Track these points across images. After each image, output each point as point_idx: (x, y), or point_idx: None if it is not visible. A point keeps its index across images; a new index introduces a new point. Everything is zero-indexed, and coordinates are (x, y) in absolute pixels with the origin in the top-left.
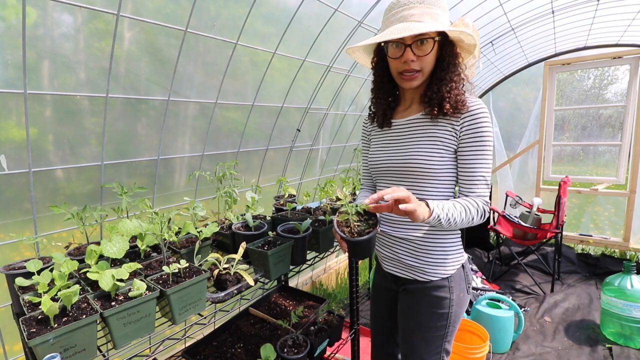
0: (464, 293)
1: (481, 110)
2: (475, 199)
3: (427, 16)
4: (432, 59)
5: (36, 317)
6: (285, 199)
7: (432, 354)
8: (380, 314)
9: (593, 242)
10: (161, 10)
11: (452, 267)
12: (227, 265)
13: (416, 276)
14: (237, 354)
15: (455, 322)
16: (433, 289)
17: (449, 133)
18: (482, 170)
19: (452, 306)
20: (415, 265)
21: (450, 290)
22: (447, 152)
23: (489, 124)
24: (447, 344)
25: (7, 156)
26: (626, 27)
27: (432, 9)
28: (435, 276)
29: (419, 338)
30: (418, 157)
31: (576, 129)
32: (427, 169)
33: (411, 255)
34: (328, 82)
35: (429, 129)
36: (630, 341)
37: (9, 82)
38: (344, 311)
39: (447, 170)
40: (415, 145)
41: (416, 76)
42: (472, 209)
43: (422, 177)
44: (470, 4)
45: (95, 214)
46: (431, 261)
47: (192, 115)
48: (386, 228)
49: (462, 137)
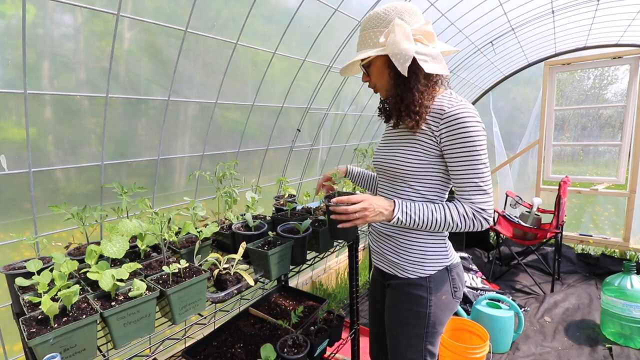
0: (447, 296)
1: (461, 113)
2: (466, 206)
3: (362, 44)
4: (378, 78)
5: (36, 317)
6: (285, 199)
7: (414, 351)
8: (375, 308)
9: (593, 242)
10: (161, 10)
11: (431, 268)
12: (227, 265)
13: (396, 272)
14: (237, 354)
15: (436, 324)
16: (411, 286)
17: (428, 137)
18: (473, 177)
19: (431, 307)
20: (395, 261)
21: (429, 290)
22: (428, 155)
23: (473, 127)
24: (430, 345)
25: (7, 156)
26: (626, 27)
27: (367, 32)
28: (413, 274)
29: (400, 333)
30: (396, 160)
31: (576, 129)
32: (403, 170)
33: (393, 251)
34: (328, 82)
35: (410, 134)
36: (630, 341)
37: (9, 82)
38: (344, 311)
39: (429, 173)
40: (396, 148)
41: (378, 89)
42: (456, 216)
43: (400, 179)
44: (470, 4)
45: (95, 214)
46: (409, 259)
47: (192, 115)
48: (376, 224)
49: (444, 142)
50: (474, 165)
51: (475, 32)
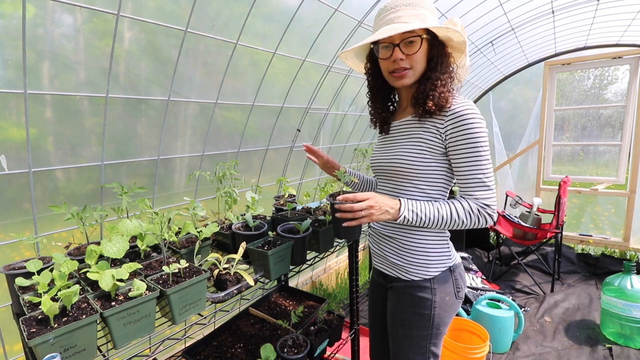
0: (450, 297)
1: (466, 111)
2: (470, 202)
3: (413, 17)
4: (421, 58)
5: (36, 317)
6: (285, 199)
7: (418, 353)
8: (375, 309)
9: (593, 242)
10: (161, 10)
11: (435, 269)
12: (227, 265)
13: (399, 274)
14: (237, 354)
15: (440, 325)
16: (415, 288)
17: (433, 135)
18: (477, 173)
19: (435, 308)
20: (398, 263)
21: (433, 292)
22: (432, 153)
23: (477, 125)
24: (433, 346)
25: (7, 156)
26: (626, 27)
27: (418, 10)
28: (417, 276)
29: (403, 336)
30: (400, 159)
31: (576, 129)
32: (409, 169)
33: (395, 253)
34: (328, 82)
35: (415, 131)
36: (630, 341)
37: (9, 82)
38: (344, 311)
39: (433, 171)
40: (399, 147)
41: (405, 74)
42: (461, 212)
43: (404, 178)
44: (470, 4)
45: (95, 214)
46: (413, 261)
47: (192, 115)
48: (375, 225)
49: (449, 139)
50: (478, 162)
51: (475, 32)
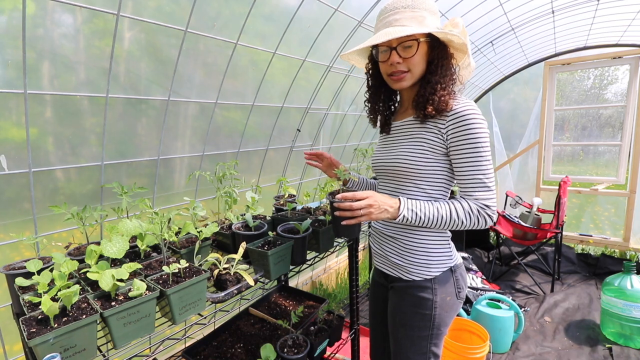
0: (451, 297)
1: (468, 112)
2: (470, 202)
3: (411, 20)
4: (419, 61)
5: (36, 317)
6: (285, 199)
7: (418, 353)
8: (376, 309)
9: (593, 242)
10: (161, 10)
11: (436, 269)
12: (227, 265)
13: (400, 274)
14: (237, 354)
15: (441, 326)
16: (416, 288)
17: (435, 135)
18: (477, 173)
19: (436, 308)
20: (399, 263)
21: (434, 292)
22: (434, 153)
23: (478, 126)
24: (434, 346)
25: (7, 156)
26: (626, 27)
27: (417, 12)
28: (418, 276)
29: (404, 336)
30: (402, 159)
31: (576, 129)
32: (410, 169)
33: (396, 253)
34: (328, 82)
35: (416, 131)
36: (630, 341)
37: (9, 82)
38: (344, 311)
39: (435, 171)
40: (401, 147)
41: (403, 77)
42: (461, 212)
43: (406, 178)
44: (470, 4)
45: (95, 214)
46: (414, 261)
47: (192, 115)
48: (377, 225)
49: (451, 140)
50: (479, 162)
51: (475, 32)
